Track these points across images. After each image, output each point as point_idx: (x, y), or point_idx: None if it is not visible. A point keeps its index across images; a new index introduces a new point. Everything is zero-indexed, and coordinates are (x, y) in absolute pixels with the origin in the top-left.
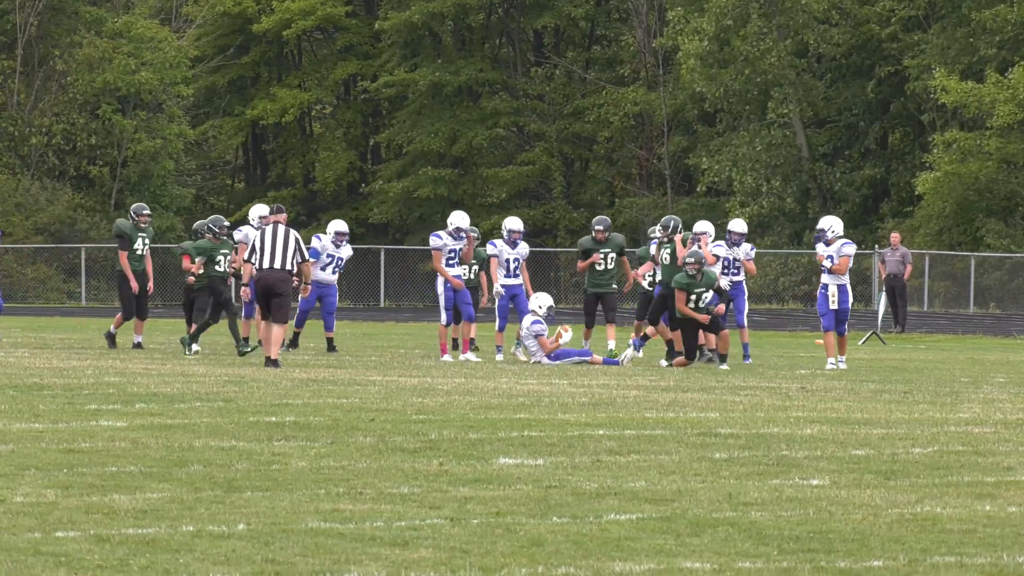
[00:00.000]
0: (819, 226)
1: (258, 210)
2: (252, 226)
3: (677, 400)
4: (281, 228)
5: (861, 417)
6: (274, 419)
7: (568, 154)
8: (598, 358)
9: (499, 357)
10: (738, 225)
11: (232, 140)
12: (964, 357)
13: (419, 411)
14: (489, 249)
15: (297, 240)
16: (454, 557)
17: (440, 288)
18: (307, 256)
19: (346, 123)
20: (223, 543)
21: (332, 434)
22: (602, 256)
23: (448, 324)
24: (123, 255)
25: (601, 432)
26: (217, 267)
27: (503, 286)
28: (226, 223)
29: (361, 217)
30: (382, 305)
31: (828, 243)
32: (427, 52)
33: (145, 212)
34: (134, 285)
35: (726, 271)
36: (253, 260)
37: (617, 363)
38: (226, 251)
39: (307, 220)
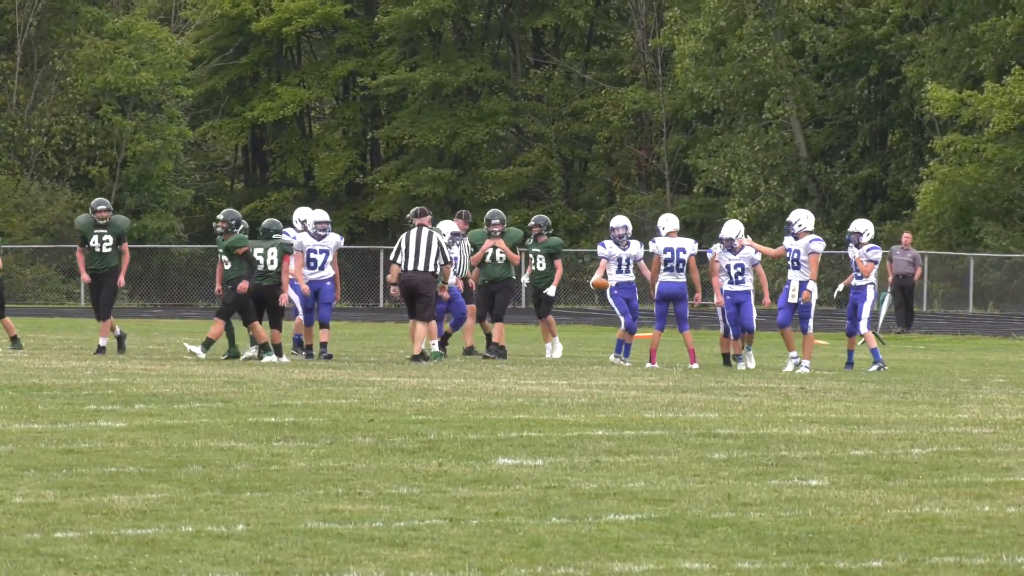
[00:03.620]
0: (788, 219)
1: (301, 214)
2: (296, 229)
3: (676, 401)
4: (425, 231)
5: (860, 418)
6: (273, 420)
7: (567, 154)
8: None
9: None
10: (857, 224)
11: (232, 141)
12: (963, 357)
13: (418, 411)
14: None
15: (440, 243)
16: (453, 557)
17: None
18: (449, 259)
19: (346, 121)
20: (222, 543)
21: (331, 434)
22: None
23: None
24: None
25: (600, 433)
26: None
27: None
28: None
29: (361, 216)
30: (382, 305)
31: (796, 237)
32: (426, 52)
33: (102, 208)
34: (84, 278)
35: (858, 274)
36: (399, 261)
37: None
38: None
39: None
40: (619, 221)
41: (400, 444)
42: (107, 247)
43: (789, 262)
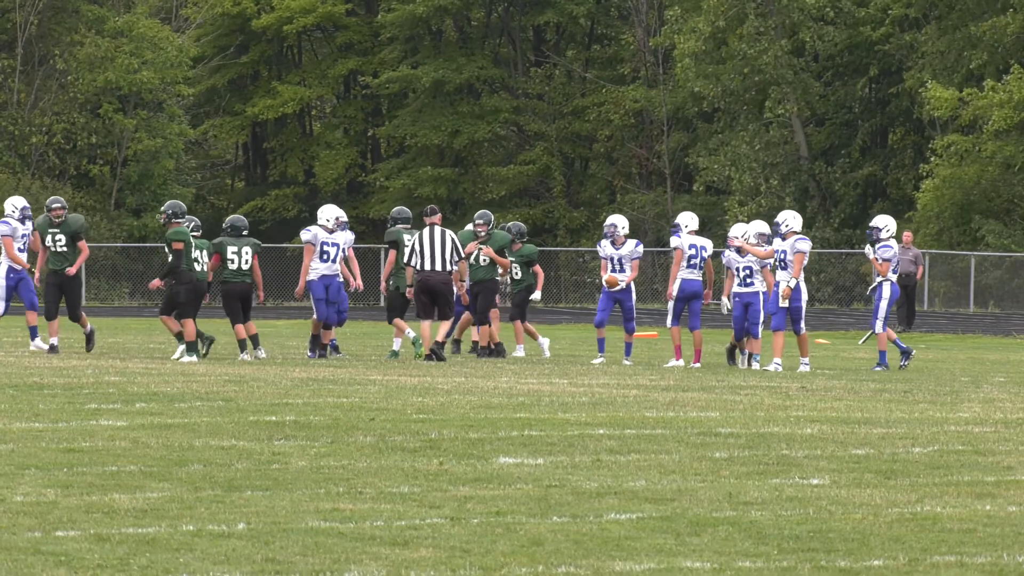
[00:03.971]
0: (776, 220)
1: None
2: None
3: (677, 399)
4: (438, 230)
5: (861, 416)
6: (274, 418)
7: (568, 153)
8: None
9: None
10: (876, 220)
11: (233, 138)
12: (964, 356)
13: (419, 410)
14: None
15: (454, 240)
16: (454, 556)
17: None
18: (463, 255)
19: (347, 120)
20: (223, 542)
21: (332, 433)
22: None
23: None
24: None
25: (601, 431)
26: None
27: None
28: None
29: (362, 215)
30: (382, 305)
31: (784, 237)
32: (427, 50)
33: (56, 206)
34: (35, 274)
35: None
36: (414, 262)
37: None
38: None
39: (309, 219)
40: (609, 220)
41: (401, 443)
42: (60, 247)
43: (777, 263)
